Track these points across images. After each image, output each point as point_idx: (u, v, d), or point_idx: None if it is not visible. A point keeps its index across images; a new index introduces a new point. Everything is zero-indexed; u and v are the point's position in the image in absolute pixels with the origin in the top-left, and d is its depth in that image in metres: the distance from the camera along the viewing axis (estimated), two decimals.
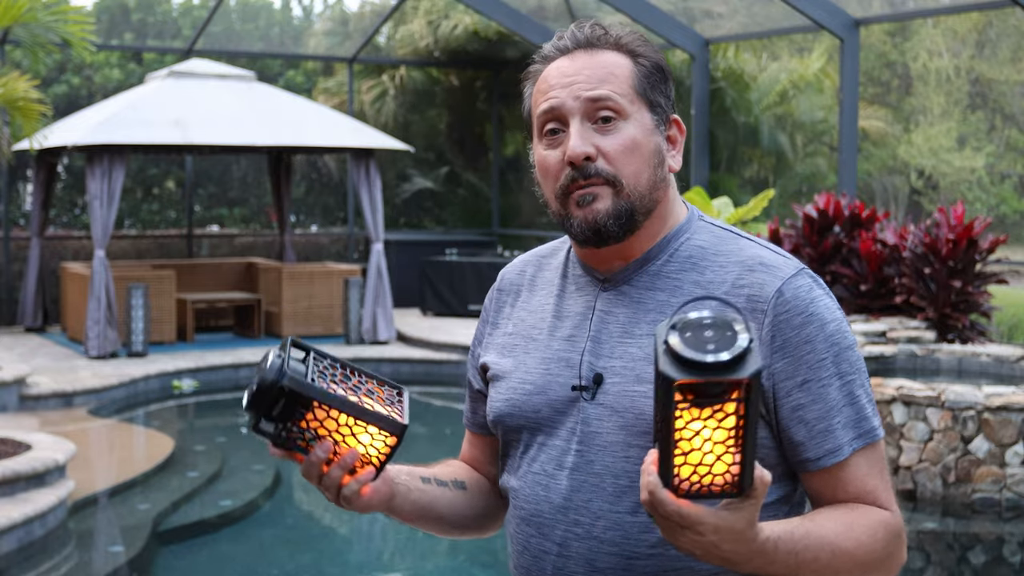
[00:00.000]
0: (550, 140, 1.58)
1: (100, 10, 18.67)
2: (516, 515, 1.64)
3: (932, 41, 22.50)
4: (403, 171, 17.16)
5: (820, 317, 1.52)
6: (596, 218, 1.54)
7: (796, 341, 1.51)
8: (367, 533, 6.74)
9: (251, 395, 1.47)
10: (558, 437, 1.59)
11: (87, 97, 16.37)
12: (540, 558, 1.59)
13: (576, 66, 1.58)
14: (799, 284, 1.54)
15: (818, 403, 1.50)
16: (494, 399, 1.67)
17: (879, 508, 1.53)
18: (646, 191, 1.56)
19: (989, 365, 7.95)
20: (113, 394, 9.58)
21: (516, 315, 1.70)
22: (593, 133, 1.55)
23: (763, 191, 12.30)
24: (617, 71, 1.57)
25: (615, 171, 1.54)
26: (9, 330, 12.93)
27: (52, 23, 8.01)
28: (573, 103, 1.56)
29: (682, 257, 1.59)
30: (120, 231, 15.83)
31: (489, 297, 1.77)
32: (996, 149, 23.00)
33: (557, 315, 1.64)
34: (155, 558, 5.95)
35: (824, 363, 1.51)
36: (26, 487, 6.03)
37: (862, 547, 1.48)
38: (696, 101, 13.19)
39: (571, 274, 1.66)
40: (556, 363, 1.60)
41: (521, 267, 1.76)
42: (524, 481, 1.63)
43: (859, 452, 1.52)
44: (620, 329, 1.57)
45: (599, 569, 1.54)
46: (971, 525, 6.32)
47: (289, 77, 17.62)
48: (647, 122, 1.57)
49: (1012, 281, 12.66)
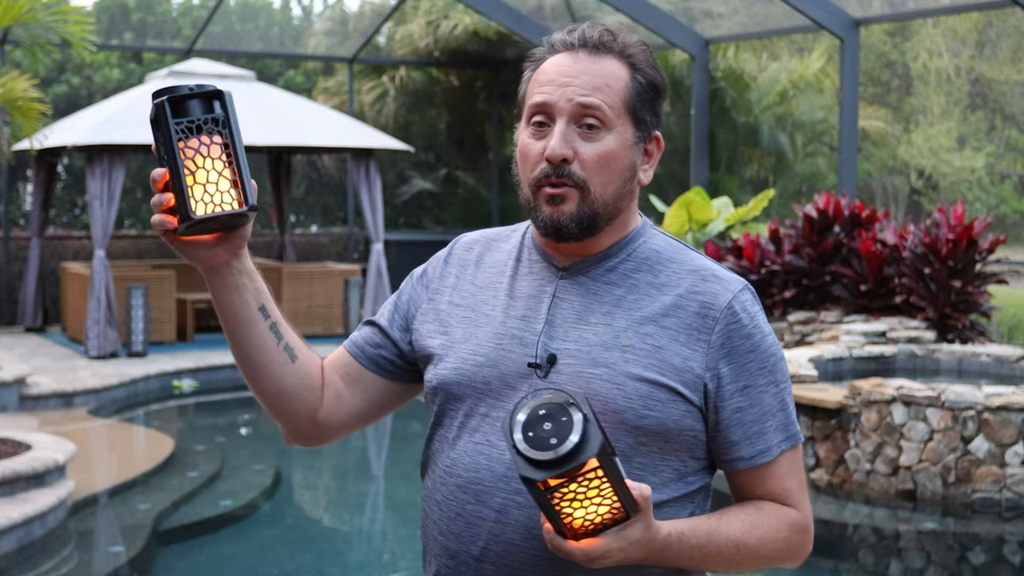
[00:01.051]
0: (536, 131, 1.66)
1: (100, 10, 18.67)
2: (451, 483, 1.69)
3: (932, 41, 22.49)
4: (402, 173, 17.16)
5: (761, 331, 1.68)
6: (560, 218, 1.64)
7: (742, 350, 1.65)
8: (367, 533, 6.74)
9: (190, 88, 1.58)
10: (504, 409, 1.66)
11: (87, 97, 16.37)
12: (475, 524, 1.65)
13: (577, 67, 1.65)
14: (745, 299, 1.68)
15: (755, 407, 1.66)
16: (439, 367, 1.73)
17: (788, 507, 1.69)
18: (611, 200, 1.66)
19: (989, 365, 7.95)
20: (113, 394, 9.58)
21: (462, 287, 1.78)
22: (575, 136, 1.64)
23: (763, 191, 12.31)
24: (613, 82, 1.65)
25: (586, 178, 1.64)
26: (9, 330, 12.93)
27: (52, 23, 8.01)
28: (564, 104, 1.64)
29: (639, 258, 1.70)
30: (120, 231, 15.84)
31: (434, 263, 1.85)
32: (996, 149, 23.00)
33: (511, 295, 1.72)
34: (155, 558, 5.95)
35: (763, 371, 1.67)
36: (26, 487, 6.03)
37: (765, 544, 1.65)
38: (696, 101, 13.19)
39: (526, 258, 1.75)
40: (509, 339, 1.68)
41: (471, 244, 1.84)
42: (465, 450, 1.68)
43: (784, 453, 1.69)
44: (574, 315, 1.67)
45: (536, 536, 1.61)
46: (971, 525, 6.32)
47: (289, 77, 17.63)
48: (628, 137, 1.67)
49: (1012, 281, 12.66)
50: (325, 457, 8.25)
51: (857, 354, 8.02)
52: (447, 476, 1.70)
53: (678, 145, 16.22)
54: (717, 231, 11.20)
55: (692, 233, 11.10)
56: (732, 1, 15.38)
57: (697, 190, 11.31)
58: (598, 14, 15.53)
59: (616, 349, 1.63)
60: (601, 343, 1.64)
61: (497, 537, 1.63)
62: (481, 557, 1.64)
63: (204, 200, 1.56)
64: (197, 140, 1.57)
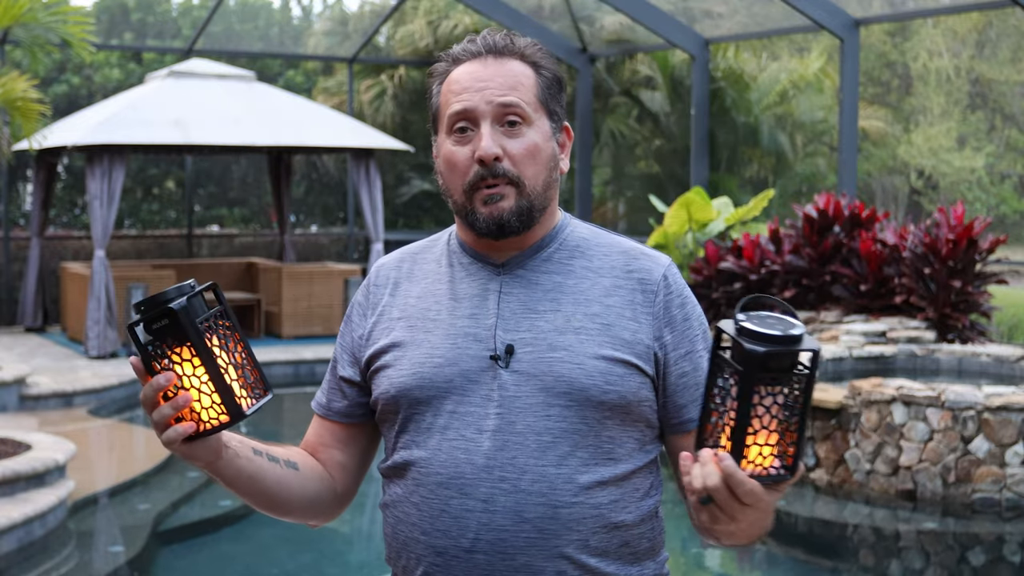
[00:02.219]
0: (459, 137, 1.74)
1: (100, 10, 18.68)
2: (430, 482, 1.72)
3: (932, 41, 22.50)
4: (402, 174, 17.16)
5: (692, 300, 1.80)
6: (501, 215, 1.72)
7: (679, 318, 1.77)
8: (367, 533, 6.74)
9: (146, 301, 1.53)
10: (471, 404, 1.71)
11: (87, 97, 16.37)
12: (462, 517, 1.69)
13: (488, 72, 1.74)
14: (674, 271, 1.81)
15: (698, 371, 1.76)
16: (394, 377, 1.77)
17: None
18: (542, 191, 1.75)
19: (989, 365, 7.95)
20: (113, 394, 9.58)
21: (399, 303, 1.83)
22: (501, 136, 1.72)
23: (763, 191, 12.30)
24: (524, 80, 1.75)
25: (518, 172, 1.72)
26: (9, 330, 12.93)
27: (52, 23, 8.00)
28: (485, 107, 1.72)
29: (570, 246, 1.80)
30: (120, 231, 15.84)
31: (362, 294, 1.89)
32: (996, 149, 23.00)
33: (453, 298, 1.79)
34: (155, 558, 5.95)
35: (699, 338, 1.78)
36: (26, 487, 6.03)
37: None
38: (696, 101, 13.19)
39: (457, 263, 1.82)
40: (463, 338, 1.75)
41: (396, 262, 1.89)
42: (439, 448, 1.72)
43: None
44: (522, 307, 1.75)
45: (527, 519, 1.67)
46: (971, 525, 6.32)
47: (289, 77, 17.63)
48: (546, 129, 1.76)
49: (1012, 281, 12.66)
50: None
51: (857, 354, 8.02)
52: (424, 477, 1.73)
53: (678, 145, 16.22)
54: (717, 231, 11.19)
55: (692, 233, 11.10)
56: (732, 1, 15.38)
57: (697, 190, 11.31)
58: (598, 14, 15.54)
59: (570, 332, 1.71)
60: (554, 328, 1.72)
61: (487, 526, 1.67)
62: (472, 548, 1.68)
63: (242, 395, 1.57)
64: (215, 336, 1.56)
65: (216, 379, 1.53)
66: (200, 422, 1.56)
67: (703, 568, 5.74)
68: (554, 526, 1.67)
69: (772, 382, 1.42)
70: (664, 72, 16.11)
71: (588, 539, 1.69)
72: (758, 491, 1.46)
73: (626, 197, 18.10)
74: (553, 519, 1.67)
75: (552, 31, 15.01)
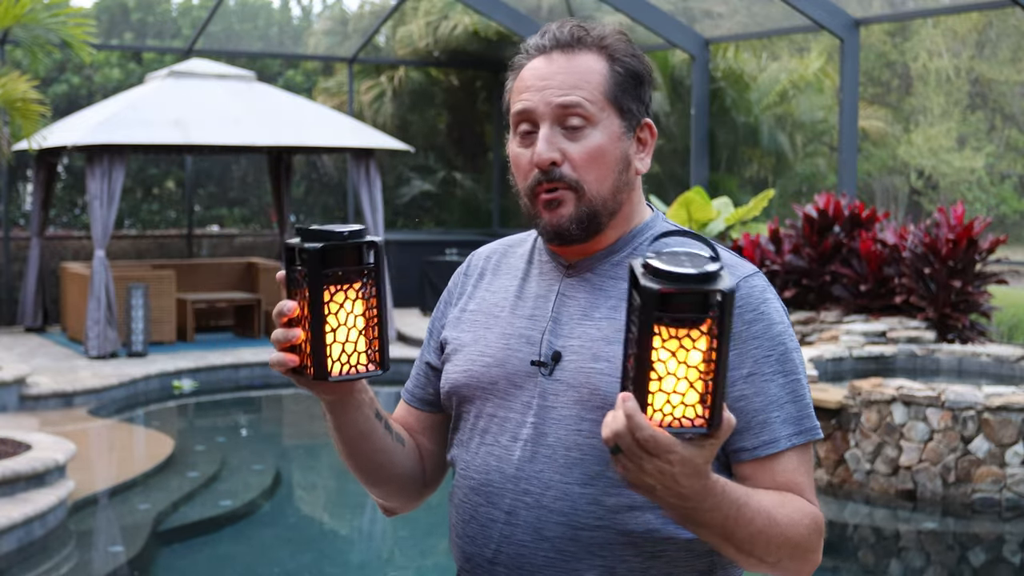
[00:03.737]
0: (523, 139, 1.65)
1: (100, 10, 18.67)
2: (465, 485, 1.69)
3: (932, 41, 22.50)
4: (401, 175, 17.16)
5: (769, 317, 1.61)
6: (560, 223, 1.62)
7: (745, 336, 1.58)
8: (367, 533, 6.74)
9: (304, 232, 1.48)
10: (512, 410, 1.65)
11: (87, 97, 16.37)
12: (487, 526, 1.64)
13: (551, 69, 1.63)
14: (754, 284, 1.62)
15: (760, 396, 1.57)
16: (450, 371, 1.73)
17: (806, 500, 1.58)
18: (609, 195, 1.64)
19: (989, 365, 7.95)
20: (113, 394, 9.58)
21: (478, 295, 1.78)
22: (561, 138, 1.62)
23: (763, 191, 12.30)
24: (591, 76, 1.63)
25: (579, 177, 1.61)
26: (9, 330, 12.93)
27: (52, 24, 8.00)
28: (544, 108, 1.62)
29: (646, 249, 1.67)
30: (120, 231, 15.83)
31: (454, 280, 1.84)
32: (996, 149, 23.00)
33: (519, 296, 1.72)
34: (155, 558, 5.95)
35: (769, 359, 1.59)
36: (26, 487, 6.03)
37: (793, 525, 1.52)
38: (696, 101, 13.19)
39: (536, 260, 1.75)
40: (516, 339, 1.67)
41: (488, 253, 1.84)
42: (477, 452, 1.68)
43: (795, 449, 1.58)
44: (580, 312, 1.65)
45: (546, 538, 1.59)
46: (971, 525, 6.32)
47: (289, 77, 17.63)
48: (615, 128, 1.64)
49: (1012, 281, 12.66)
50: (325, 457, 8.25)
51: (857, 354, 8.02)
52: (462, 479, 1.70)
53: (678, 145, 16.22)
54: (717, 231, 11.19)
55: None
56: (732, 1, 15.38)
57: (697, 190, 11.31)
58: (598, 14, 15.53)
59: (617, 343, 1.58)
60: (604, 337, 1.61)
61: (508, 539, 1.62)
62: (494, 560, 1.63)
63: (340, 360, 1.51)
64: (343, 293, 1.50)
65: (316, 334, 1.49)
66: (302, 364, 1.53)
67: None
68: (574, 548, 1.58)
69: (676, 324, 1.29)
70: (664, 72, 16.11)
71: (615, 567, 1.57)
72: (662, 440, 1.30)
73: None
74: (573, 540, 1.58)
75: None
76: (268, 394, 10.61)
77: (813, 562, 1.58)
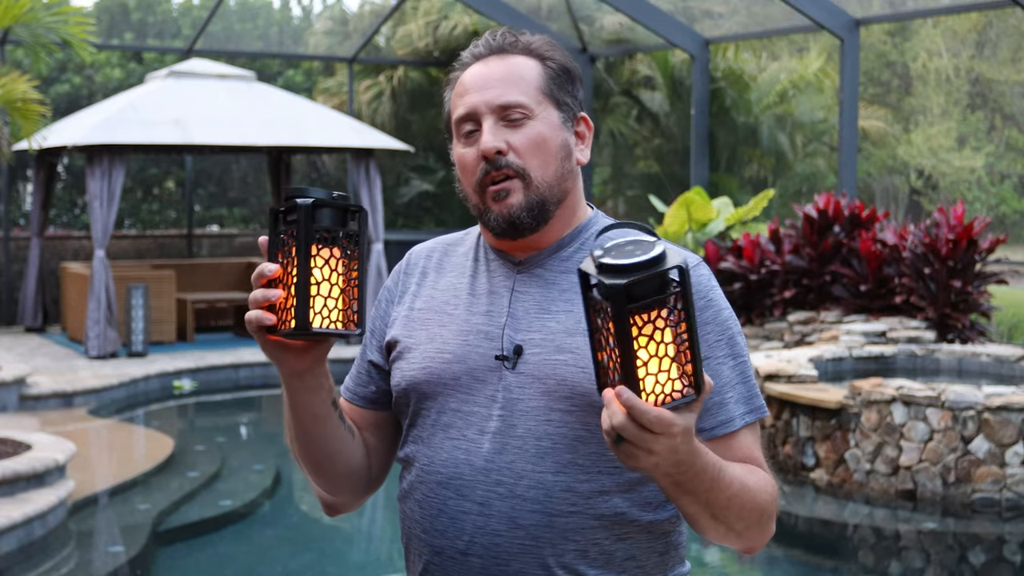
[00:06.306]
0: (467, 140, 1.73)
1: (100, 10, 18.68)
2: (430, 480, 1.71)
3: (932, 41, 22.50)
4: (402, 174, 17.16)
5: (717, 304, 1.71)
6: (511, 211, 1.69)
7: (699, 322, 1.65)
8: (367, 533, 6.74)
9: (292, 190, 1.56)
10: (477, 404, 1.70)
11: (88, 97, 16.38)
12: (458, 519, 1.67)
13: (489, 71, 1.73)
14: (701, 273, 1.72)
15: (714, 378, 1.65)
16: (405, 369, 1.76)
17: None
18: (554, 182, 1.71)
19: (989, 365, 7.95)
20: (113, 394, 9.58)
21: (424, 293, 1.82)
22: (504, 130, 1.70)
23: (763, 191, 12.30)
24: (525, 74, 1.72)
25: (523, 164, 1.69)
26: (9, 330, 12.93)
27: (53, 24, 8.01)
28: (485, 107, 1.71)
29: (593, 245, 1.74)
30: (120, 231, 15.84)
31: (393, 279, 1.88)
32: (996, 149, 23.01)
33: (472, 293, 1.77)
34: (155, 558, 5.95)
35: (720, 343, 1.68)
36: (26, 487, 6.03)
37: (761, 491, 1.62)
38: (696, 101, 13.19)
39: (483, 258, 1.80)
40: (475, 335, 1.72)
41: (428, 252, 1.88)
42: (441, 447, 1.71)
43: (748, 426, 1.69)
44: (536, 306, 1.71)
45: (521, 526, 1.64)
46: (971, 525, 6.32)
47: (289, 77, 17.63)
48: (554, 119, 1.72)
49: (1012, 281, 12.66)
50: None
51: (857, 354, 8.03)
52: (425, 474, 1.72)
53: (678, 145, 16.22)
54: (717, 231, 11.20)
55: (692, 233, 11.10)
56: (732, 1, 15.38)
57: (697, 190, 11.32)
58: (598, 14, 15.53)
59: (579, 334, 1.65)
60: (564, 330, 1.67)
61: (482, 529, 1.66)
62: (467, 551, 1.67)
63: (322, 314, 1.56)
64: (329, 251, 1.56)
65: (301, 285, 1.53)
66: (279, 321, 1.57)
67: (703, 567, 5.74)
68: (549, 534, 1.64)
69: (646, 308, 1.37)
70: (664, 72, 16.12)
71: (587, 550, 1.65)
72: (666, 417, 1.37)
73: (626, 197, 18.10)
74: (548, 527, 1.64)
75: (552, 31, 15.00)
76: (268, 394, 10.61)
77: (770, 531, 1.66)
